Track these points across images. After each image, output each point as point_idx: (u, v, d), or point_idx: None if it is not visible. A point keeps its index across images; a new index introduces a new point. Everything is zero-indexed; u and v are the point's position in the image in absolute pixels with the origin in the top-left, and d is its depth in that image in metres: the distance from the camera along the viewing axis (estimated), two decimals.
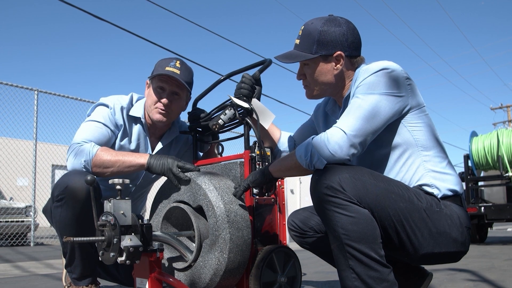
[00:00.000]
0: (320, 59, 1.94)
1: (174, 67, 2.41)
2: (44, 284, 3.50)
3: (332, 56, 1.93)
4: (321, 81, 1.97)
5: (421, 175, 1.84)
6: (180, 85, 2.45)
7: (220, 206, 2.02)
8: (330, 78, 1.96)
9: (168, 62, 2.43)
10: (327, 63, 1.94)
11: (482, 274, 3.76)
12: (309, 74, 1.98)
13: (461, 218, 1.80)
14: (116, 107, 2.47)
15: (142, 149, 2.58)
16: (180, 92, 2.48)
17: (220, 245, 2.00)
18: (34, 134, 9.29)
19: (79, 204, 2.13)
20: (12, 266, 5.02)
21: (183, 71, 2.43)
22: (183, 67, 2.45)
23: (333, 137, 1.66)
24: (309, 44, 1.94)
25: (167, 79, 2.42)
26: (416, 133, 1.84)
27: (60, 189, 2.15)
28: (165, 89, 2.44)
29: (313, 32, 1.94)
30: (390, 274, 1.61)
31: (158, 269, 1.90)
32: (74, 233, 2.10)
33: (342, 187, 1.59)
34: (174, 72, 2.39)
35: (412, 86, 1.84)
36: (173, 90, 2.45)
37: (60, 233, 2.26)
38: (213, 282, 2.02)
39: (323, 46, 1.92)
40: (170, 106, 2.46)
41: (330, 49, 1.92)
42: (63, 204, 2.16)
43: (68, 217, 2.17)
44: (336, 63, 1.94)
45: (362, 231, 1.58)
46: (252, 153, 2.20)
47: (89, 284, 2.31)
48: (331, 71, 1.95)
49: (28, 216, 9.58)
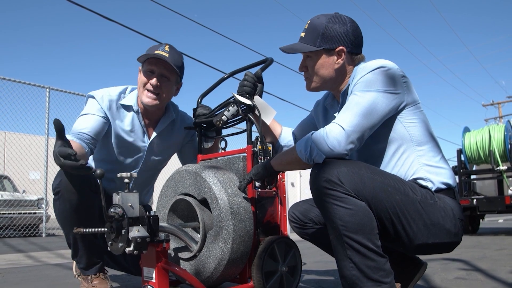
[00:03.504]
0: (323, 52, 1.94)
1: (163, 50, 2.39)
2: (56, 273, 3.51)
3: (334, 50, 1.93)
4: (321, 74, 1.96)
5: (416, 169, 1.84)
6: (168, 68, 2.41)
7: (224, 199, 2.02)
8: (331, 72, 1.95)
9: (158, 47, 2.41)
10: (329, 57, 1.94)
11: (474, 263, 3.76)
12: (311, 66, 1.98)
13: (454, 210, 1.80)
14: (104, 97, 2.44)
15: (138, 136, 2.54)
16: (169, 75, 2.44)
17: (224, 236, 2.00)
18: (46, 129, 9.30)
19: (74, 195, 2.13)
20: (25, 256, 5.04)
21: (172, 54, 2.40)
22: (173, 51, 2.42)
23: (331, 132, 1.66)
24: (314, 37, 1.94)
25: (156, 62, 2.39)
26: (411, 129, 1.84)
27: (56, 183, 2.16)
28: (154, 71, 2.41)
29: (319, 26, 1.94)
30: (386, 264, 1.61)
31: (165, 259, 1.90)
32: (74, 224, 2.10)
33: (340, 181, 1.59)
34: (162, 54, 2.36)
35: (407, 83, 1.84)
36: (162, 72, 2.42)
37: (61, 225, 2.26)
38: (217, 271, 2.03)
39: (327, 40, 1.92)
40: (160, 88, 2.42)
41: (333, 43, 1.92)
42: (60, 197, 2.16)
43: (66, 209, 2.16)
44: (338, 58, 1.94)
45: (360, 222, 1.58)
46: (254, 148, 2.20)
47: (97, 273, 2.31)
48: (332, 65, 1.94)
49: (40, 208, 9.60)
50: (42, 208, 9.55)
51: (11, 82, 8.82)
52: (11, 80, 8.79)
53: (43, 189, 9.45)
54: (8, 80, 8.75)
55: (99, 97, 2.43)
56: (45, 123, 9.28)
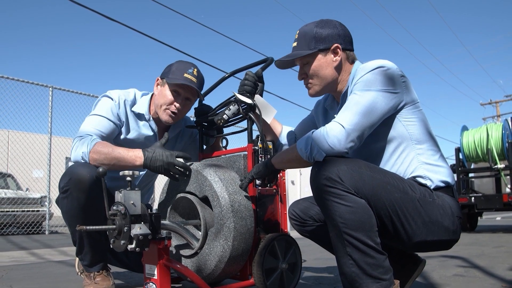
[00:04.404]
0: (319, 53, 1.94)
1: (191, 75, 2.39)
2: (58, 270, 3.51)
3: (329, 49, 1.93)
4: (322, 75, 1.96)
5: (415, 167, 1.84)
6: (194, 93, 2.45)
7: (225, 197, 2.02)
8: (331, 71, 1.95)
9: (187, 68, 2.40)
10: (325, 57, 1.94)
11: (472, 260, 3.76)
12: (311, 71, 1.97)
13: (453, 208, 1.80)
14: (120, 101, 2.44)
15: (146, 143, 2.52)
16: (192, 99, 2.48)
17: (225, 233, 2.00)
18: (49, 128, 9.30)
19: (83, 194, 2.12)
20: (28, 253, 5.04)
21: (199, 80, 2.43)
22: (199, 75, 2.44)
23: (332, 131, 1.66)
24: (307, 42, 1.94)
25: (184, 86, 2.40)
26: (411, 128, 1.84)
27: (65, 181, 2.15)
28: (180, 94, 2.42)
29: (309, 31, 1.95)
30: (386, 261, 1.61)
31: (166, 256, 1.91)
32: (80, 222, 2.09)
33: (341, 178, 1.59)
34: (192, 80, 2.38)
35: (406, 83, 1.84)
36: (187, 96, 2.45)
37: (68, 223, 2.26)
38: (218, 268, 2.03)
39: (321, 41, 1.93)
40: (181, 110, 2.45)
41: (327, 42, 1.93)
42: (68, 196, 2.15)
43: (74, 207, 2.16)
44: (334, 55, 1.94)
45: (359, 220, 1.58)
46: (255, 146, 2.20)
47: (100, 270, 2.31)
48: (331, 64, 1.94)
49: (43, 206, 9.61)
50: (45, 206, 9.56)
51: (15, 81, 8.82)
52: (14, 79, 8.79)
53: (46, 187, 9.45)
54: (12, 80, 8.75)
55: (116, 100, 2.43)
56: (48, 122, 9.27)
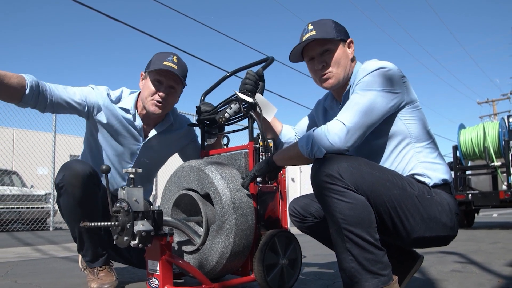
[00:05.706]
0: (341, 42, 1.95)
1: (171, 62, 2.38)
2: (62, 266, 3.52)
3: (346, 42, 1.96)
4: (343, 64, 1.95)
5: (413, 165, 1.84)
6: (176, 80, 2.43)
7: (226, 194, 2.02)
8: (348, 63, 1.97)
9: (166, 57, 2.40)
10: (344, 47, 1.96)
11: (469, 256, 3.76)
12: (334, 58, 1.94)
13: (450, 204, 1.80)
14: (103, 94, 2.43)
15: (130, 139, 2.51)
16: (176, 86, 2.46)
17: (226, 229, 2.00)
18: (53, 126, 9.31)
19: (78, 190, 2.12)
20: (33, 249, 5.04)
21: (179, 66, 2.41)
22: (180, 62, 2.43)
23: (333, 129, 1.66)
24: (328, 30, 1.94)
25: (165, 73, 2.39)
26: (410, 126, 1.84)
27: (59, 178, 2.15)
28: (162, 82, 2.41)
29: (327, 22, 1.96)
30: (385, 257, 1.61)
31: (169, 252, 1.91)
32: (78, 218, 2.09)
33: (341, 175, 1.58)
34: (172, 67, 2.37)
35: (406, 83, 1.84)
36: (170, 84, 2.43)
37: (66, 219, 2.26)
38: (220, 264, 2.03)
39: (341, 31, 1.96)
40: (166, 99, 2.43)
41: (345, 35, 1.96)
42: (64, 192, 2.15)
43: (70, 203, 2.16)
44: (349, 49, 1.97)
45: (359, 216, 1.57)
46: (256, 144, 2.19)
47: (102, 265, 2.31)
48: (348, 56, 1.97)
49: (48, 203, 9.62)
50: (50, 203, 9.57)
51: None
52: None
53: (51, 184, 9.46)
54: None
55: (99, 92, 2.43)
56: (53, 120, 9.28)
